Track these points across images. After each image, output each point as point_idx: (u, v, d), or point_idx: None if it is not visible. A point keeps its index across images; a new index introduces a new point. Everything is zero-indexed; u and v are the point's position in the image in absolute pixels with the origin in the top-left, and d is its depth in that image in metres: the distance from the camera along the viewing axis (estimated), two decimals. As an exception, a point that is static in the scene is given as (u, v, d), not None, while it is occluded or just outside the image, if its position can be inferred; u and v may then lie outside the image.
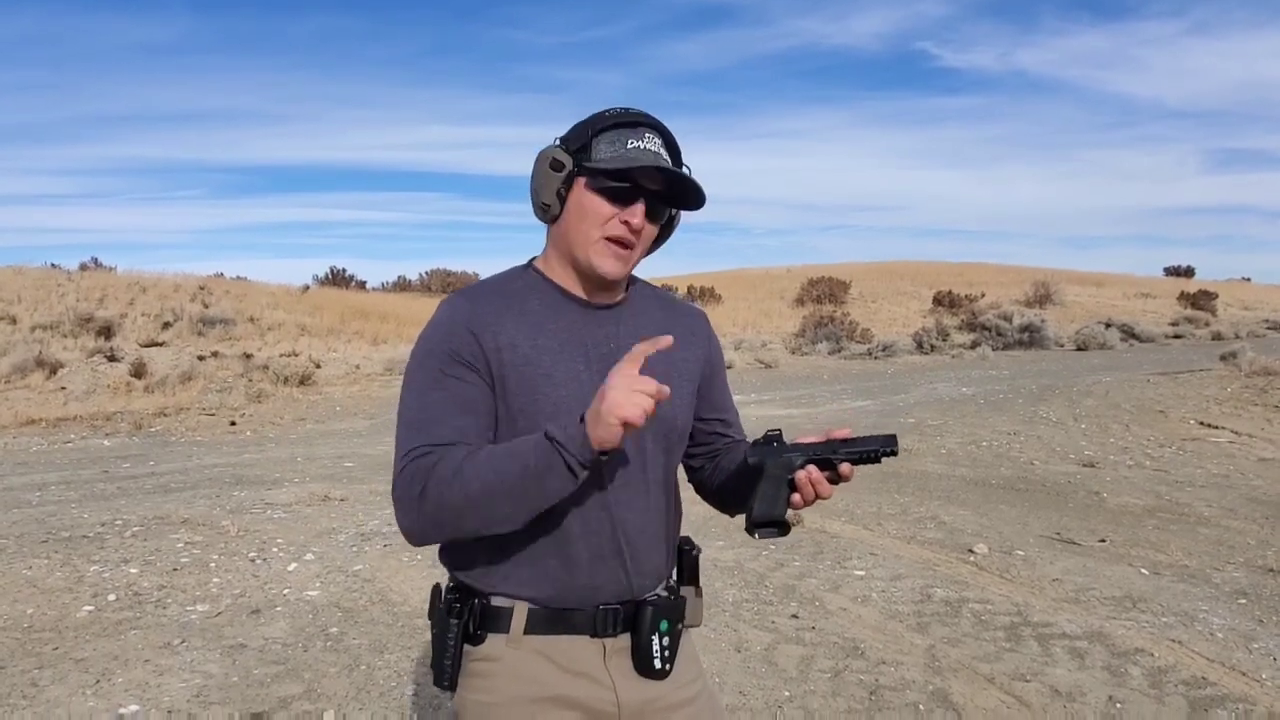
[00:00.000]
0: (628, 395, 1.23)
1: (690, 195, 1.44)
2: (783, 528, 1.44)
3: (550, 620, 1.44)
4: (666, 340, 1.30)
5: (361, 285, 30.98)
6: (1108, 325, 24.47)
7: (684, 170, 1.45)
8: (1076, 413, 10.71)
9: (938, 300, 29.19)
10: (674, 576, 1.58)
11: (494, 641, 1.44)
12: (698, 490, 1.67)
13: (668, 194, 1.44)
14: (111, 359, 14.61)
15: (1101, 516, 6.33)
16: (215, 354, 15.59)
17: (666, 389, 1.27)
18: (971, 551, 5.29)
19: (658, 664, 1.47)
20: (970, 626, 4.11)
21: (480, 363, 1.39)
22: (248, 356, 15.24)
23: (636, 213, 1.41)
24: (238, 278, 26.29)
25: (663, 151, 1.43)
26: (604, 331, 1.47)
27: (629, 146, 1.39)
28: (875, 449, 1.44)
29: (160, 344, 16.57)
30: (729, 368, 17.66)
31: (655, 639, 1.46)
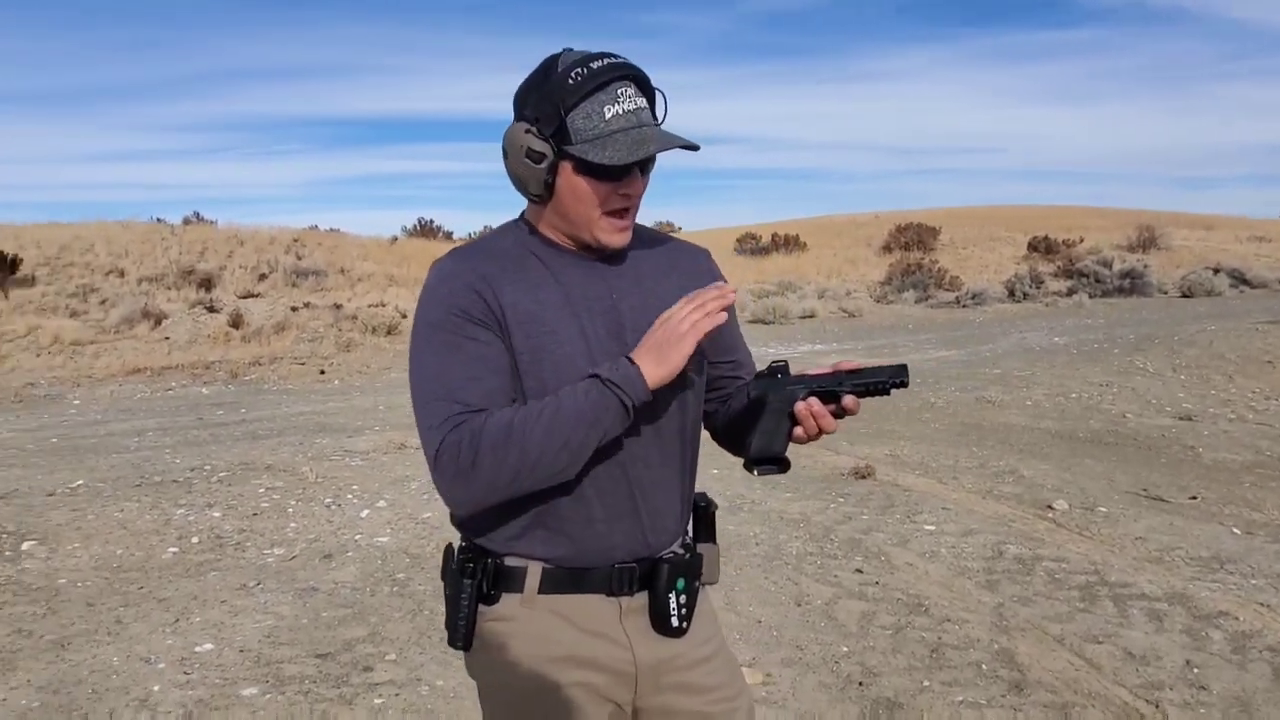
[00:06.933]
0: (686, 315, 1.30)
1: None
2: (782, 464, 1.38)
3: (565, 580, 1.41)
4: (731, 297, 1.32)
5: (448, 236, 31.38)
6: (1216, 270, 23.14)
7: (661, 98, 1.36)
8: (1176, 363, 10.20)
9: (1033, 246, 28.05)
10: (689, 533, 1.54)
11: (508, 601, 1.42)
12: (712, 436, 1.61)
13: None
14: (211, 310, 15.19)
15: (1195, 472, 6.04)
16: (307, 305, 16.04)
17: (731, 294, 1.32)
18: (1050, 507, 5.11)
19: (675, 622, 1.44)
20: (1043, 585, 3.98)
21: (492, 319, 1.34)
22: (338, 307, 15.64)
23: (635, 184, 1.36)
24: (331, 230, 26.90)
25: (641, 103, 1.33)
26: (606, 285, 1.42)
27: (608, 116, 1.29)
28: (884, 380, 1.36)
29: (256, 295, 17.15)
30: (811, 316, 17.41)
31: (672, 597, 1.44)
